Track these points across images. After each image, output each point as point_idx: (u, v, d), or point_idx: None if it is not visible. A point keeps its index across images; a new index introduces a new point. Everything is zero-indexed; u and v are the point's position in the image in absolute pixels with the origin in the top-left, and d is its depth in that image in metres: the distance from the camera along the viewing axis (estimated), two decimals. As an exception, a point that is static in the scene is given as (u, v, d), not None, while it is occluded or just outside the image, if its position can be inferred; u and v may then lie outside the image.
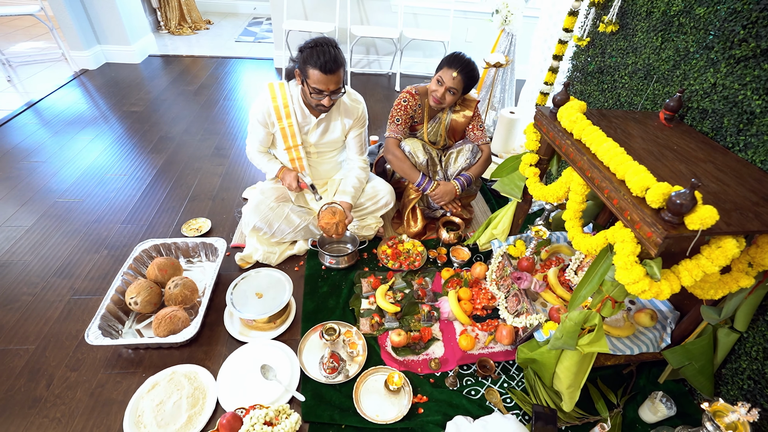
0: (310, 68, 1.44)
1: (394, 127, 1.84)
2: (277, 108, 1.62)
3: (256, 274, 1.56)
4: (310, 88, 1.48)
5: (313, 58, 1.42)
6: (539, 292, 1.48)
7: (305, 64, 1.45)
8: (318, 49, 1.42)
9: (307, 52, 1.44)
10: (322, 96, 1.51)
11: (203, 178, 2.29)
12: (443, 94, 1.72)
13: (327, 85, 1.47)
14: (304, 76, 1.49)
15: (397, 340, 1.45)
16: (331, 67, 1.43)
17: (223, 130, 2.80)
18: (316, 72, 1.43)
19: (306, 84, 1.50)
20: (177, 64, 3.82)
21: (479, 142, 1.90)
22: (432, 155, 1.88)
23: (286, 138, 1.68)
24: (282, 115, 1.63)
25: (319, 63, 1.42)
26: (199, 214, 2.02)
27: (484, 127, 1.93)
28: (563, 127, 1.24)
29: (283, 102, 1.61)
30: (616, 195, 1.00)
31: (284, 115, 1.64)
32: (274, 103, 1.61)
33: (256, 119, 1.64)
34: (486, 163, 1.90)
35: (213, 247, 1.72)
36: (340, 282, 1.72)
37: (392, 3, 3.62)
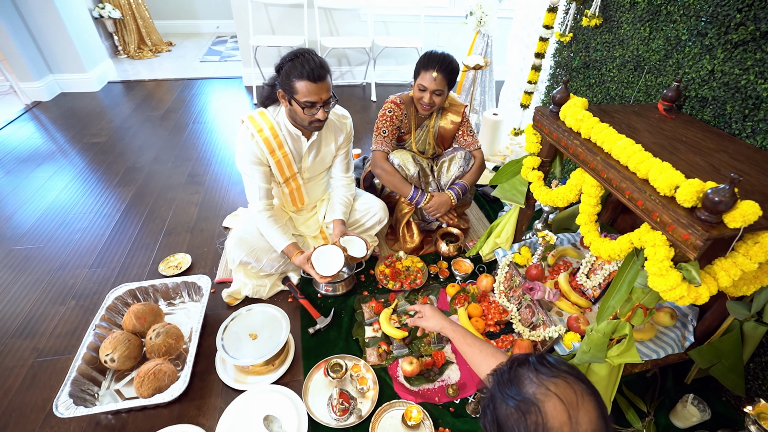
0: (296, 81, 1.31)
1: (380, 139, 1.74)
2: (267, 140, 1.45)
3: (248, 313, 1.41)
4: (301, 103, 1.34)
5: (297, 70, 1.29)
6: (554, 301, 1.40)
7: (289, 79, 1.32)
8: (300, 60, 1.30)
9: (288, 66, 1.31)
10: (316, 109, 1.36)
11: (178, 209, 2.13)
12: (430, 99, 1.64)
13: (319, 94, 1.33)
14: (290, 93, 1.35)
15: (409, 369, 1.34)
16: (319, 73, 1.30)
17: (196, 156, 2.63)
18: (304, 83, 1.30)
19: (294, 101, 1.35)
20: (140, 89, 3.62)
21: (471, 148, 1.82)
22: (423, 166, 1.79)
23: (282, 170, 1.54)
24: (274, 147, 1.47)
25: (305, 72, 1.29)
26: (177, 249, 1.86)
27: (474, 132, 1.86)
28: (568, 126, 1.17)
29: (272, 132, 1.45)
30: (641, 196, 0.93)
31: (276, 146, 1.47)
32: (262, 136, 1.44)
33: (249, 162, 1.44)
34: (480, 170, 1.83)
35: (196, 286, 1.56)
36: (339, 310, 1.60)
37: (361, 12, 3.55)
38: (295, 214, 1.76)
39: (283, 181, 1.57)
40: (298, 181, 1.61)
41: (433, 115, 1.81)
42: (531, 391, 0.59)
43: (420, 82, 1.63)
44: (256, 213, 1.51)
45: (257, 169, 1.47)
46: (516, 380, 0.62)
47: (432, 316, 1.19)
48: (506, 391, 0.61)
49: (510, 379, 0.62)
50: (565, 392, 0.58)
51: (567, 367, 0.63)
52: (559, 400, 0.57)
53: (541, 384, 0.59)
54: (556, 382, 0.59)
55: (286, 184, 1.60)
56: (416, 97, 1.68)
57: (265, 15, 3.42)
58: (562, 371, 0.61)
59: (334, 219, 1.65)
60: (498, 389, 0.62)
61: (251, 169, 1.46)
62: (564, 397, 0.58)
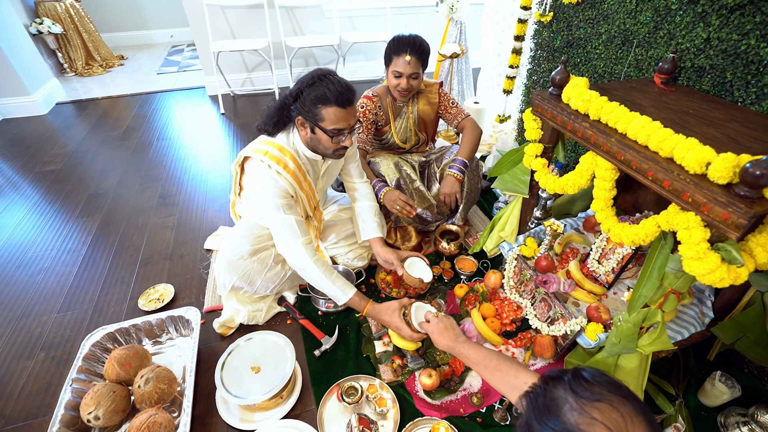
0: (322, 108, 1.18)
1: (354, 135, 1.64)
2: (294, 174, 1.30)
3: (247, 343, 1.28)
4: (329, 131, 1.21)
5: (322, 95, 1.16)
6: (569, 292, 1.34)
7: (313, 105, 1.18)
8: (324, 84, 1.17)
9: (309, 91, 1.18)
10: (343, 136, 1.24)
11: (153, 235, 1.95)
12: (407, 84, 1.58)
13: (348, 120, 1.22)
14: (313, 120, 1.21)
15: (429, 382, 1.25)
16: (348, 97, 1.19)
17: (165, 175, 2.44)
18: (333, 110, 1.18)
19: (319, 129, 1.22)
20: (93, 108, 3.35)
21: (459, 119, 1.76)
22: (407, 172, 1.71)
23: (309, 201, 1.42)
24: (301, 179, 1.33)
25: (332, 97, 1.16)
26: (157, 279, 1.69)
27: (457, 103, 1.79)
28: (574, 108, 1.10)
29: (295, 164, 1.30)
30: (667, 176, 0.87)
31: (302, 179, 1.34)
32: (289, 171, 1.28)
33: (280, 199, 1.27)
34: (474, 137, 1.70)
35: (184, 320, 1.41)
36: (344, 326, 1.49)
37: (325, 9, 3.42)
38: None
39: (311, 214, 1.46)
40: (320, 209, 1.52)
41: (410, 101, 1.75)
42: (572, 420, 0.52)
43: (393, 68, 1.57)
44: (296, 254, 1.30)
45: (289, 204, 1.30)
46: (553, 407, 0.54)
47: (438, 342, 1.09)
48: (545, 421, 0.54)
49: (546, 405, 0.55)
50: (612, 418, 0.51)
51: (608, 385, 0.56)
52: (606, 429, 0.50)
53: (582, 411, 0.52)
54: (600, 408, 0.52)
55: (313, 217, 1.49)
56: (392, 85, 1.62)
57: (224, 19, 3.23)
58: (604, 392, 0.54)
59: (373, 238, 1.53)
60: (534, 417, 0.55)
61: (282, 207, 1.27)
62: (611, 424, 0.51)
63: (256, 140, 1.34)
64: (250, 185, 1.35)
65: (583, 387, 0.54)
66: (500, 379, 0.91)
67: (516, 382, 0.87)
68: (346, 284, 1.34)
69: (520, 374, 0.88)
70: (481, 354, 0.99)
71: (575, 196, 1.69)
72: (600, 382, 0.55)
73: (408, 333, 1.24)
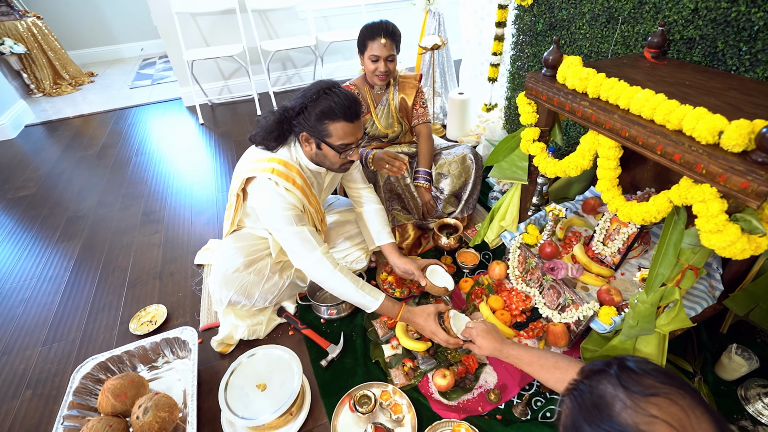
0: (329, 124, 1.13)
1: None
2: (303, 189, 1.25)
3: (250, 360, 1.21)
4: (336, 147, 1.16)
5: (328, 110, 1.11)
6: (578, 277, 1.31)
7: (319, 120, 1.13)
8: (330, 98, 1.11)
9: (315, 107, 1.12)
10: (351, 150, 1.19)
11: (139, 255, 1.86)
12: (385, 66, 1.61)
13: (356, 134, 1.17)
14: (319, 136, 1.16)
15: (444, 383, 1.20)
16: (356, 110, 1.14)
17: (147, 191, 2.34)
18: (341, 125, 1.13)
19: (326, 145, 1.17)
20: (65, 128, 3.21)
21: (420, 121, 1.81)
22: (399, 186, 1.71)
23: (317, 215, 1.36)
24: (308, 194, 1.28)
25: (340, 112, 1.11)
26: (148, 301, 1.61)
27: (426, 104, 1.83)
28: (571, 88, 1.07)
29: (302, 179, 1.25)
30: (677, 149, 0.84)
31: (309, 193, 1.28)
32: (297, 186, 1.23)
33: (291, 212, 1.20)
34: (431, 147, 1.80)
35: (180, 341, 1.33)
36: (349, 333, 1.43)
37: (299, 10, 3.34)
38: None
39: (318, 227, 1.40)
40: (326, 220, 1.46)
41: (390, 89, 1.75)
42: (629, 419, 0.47)
43: (370, 53, 1.60)
44: (317, 267, 1.23)
45: (299, 215, 1.24)
46: (603, 405, 0.49)
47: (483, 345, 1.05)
48: (596, 422, 0.48)
49: (595, 404, 0.50)
50: (673, 413, 0.46)
51: (659, 375, 0.50)
52: (669, 428, 0.45)
53: (638, 408, 0.47)
54: (658, 403, 0.47)
55: (321, 230, 1.43)
56: (370, 71, 1.64)
57: (195, 27, 3.13)
58: (657, 384, 0.49)
59: (387, 246, 1.47)
60: (583, 418, 0.49)
61: (294, 219, 1.21)
62: (674, 420, 0.46)
63: (254, 157, 1.25)
64: (257, 203, 1.26)
65: (633, 380, 0.49)
66: (560, 378, 0.86)
67: (557, 373, 0.83)
68: (374, 290, 1.27)
69: (560, 363, 0.84)
70: (534, 353, 0.95)
71: (572, 179, 1.67)
72: (649, 371, 0.50)
73: (444, 337, 1.19)
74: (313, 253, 1.22)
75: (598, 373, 0.52)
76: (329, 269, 1.23)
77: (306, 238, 1.22)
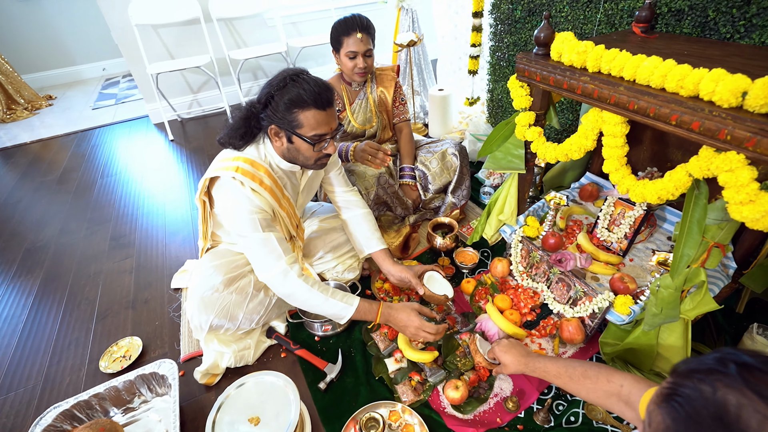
0: (299, 113, 1.02)
1: None
2: (272, 191, 1.13)
3: (239, 391, 1.08)
4: (309, 138, 1.05)
5: (297, 98, 1.00)
6: (587, 267, 1.24)
7: (287, 110, 1.02)
8: (297, 85, 1.01)
9: (282, 96, 1.01)
10: (326, 142, 1.09)
11: (109, 283, 1.69)
12: (364, 62, 1.55)
13: (329, 123, 1.06)
14: (290, 128, 1.04)
15: (457, 395, 1.09)
16: (327, 97, 1.03)
17: (115, 214, 2.17)
18: (312, 113, 1.02)
19: (297, 137, 1.05)
20: (21, 154, 2.99)
21: (401, 118, 1.77)
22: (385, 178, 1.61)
23: (291, 221, 1.24)
24: (279, 197, 1.16)
25: (310, 99, 1.00)
26: (120, 334, 1.45)
27: (406, 101, 1.78)
28: (568, 64, 1.00)
29: (271, 180, 1.13)
30: (696, 116, 0.77)
31: (280, 195, 1.16)
32: (266, 187, 1.11)
33: (256, 215, 1.08)
34: (413, 144, 1.77)
35: (157, 376, 1.18)
36: (347, 349, 1.31)
37: (267, 18, 3.24)
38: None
39: (294, 233, 1.29)
40: (303, 227, 1.34)
41: (368, 83, 1.69)
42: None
43: (346, 49, 1.53)
44: (282, 279, 1.12)
45: (266, 219, 1.12)
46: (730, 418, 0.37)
47: (508, 362, 0.98)
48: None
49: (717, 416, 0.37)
50: None
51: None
52: None
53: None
54: None
55: (297, 236, 1.31)
56: (348, 68, 1.57)
57: (158, 39, 2.98)
58: None
59: (376, 251, 1.35)
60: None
61: (259, 223, 1.10)
62: None
63: (220, 158, 1.15)
64: (220, 207, 1.15)
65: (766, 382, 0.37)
66: (591, 388, 0.77)
67: (610, 388, 0.74)
68: (347, 295, 1.17)
69: (613, 377, 0.75)
70: (561, 364, 0.86)
71: (566, 167, 1.61)
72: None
73: (433, 329, 1.13)
74: (278, 264, 1.11)
75: (708, 373, 0.40)
76: (295, 282, 1.12)
77: (272, 246, 1.11)
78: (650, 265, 1.26)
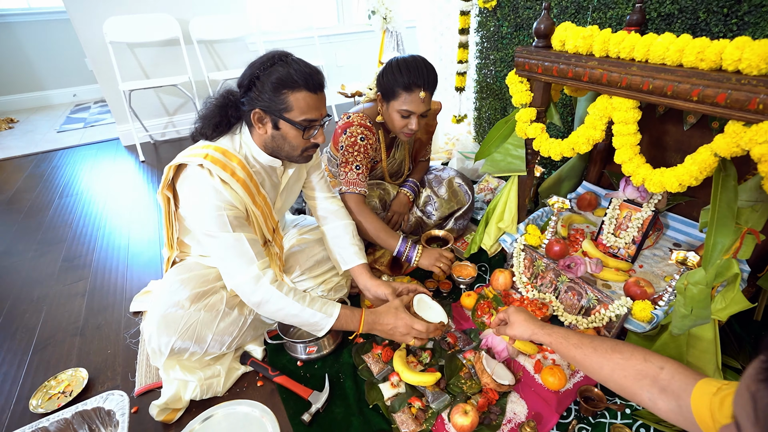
0: (289, 94, 0.92)
1: (353, 177, 1.32)
2: (245, 184, 1.00)
3: (205, 426, 0.88)
4: (298, 123, 0.95)
5: (288, 79, 0.91)
6: (597, 273, 1.15)
7: (277, 92, 0.91)
8: (285, 65, 0.92)
9: (267, 76, 0.91)
10: (315, 129, 0.99)
11: (54, 309, 1.46)
12: (417, 124, 1.27)
13: (320, 109, 0.97)
14: (276, 112, 0.94)
15: (467, 422, 0.93)
16: (318, 80, 0.95)
17: (70, 234, 1.95)
18: (303, 95, 0.93)
19: (285, 122, 0.95)
20: (-30, 176, 2.73)
21: (425, 158, 1.66)
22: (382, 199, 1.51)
23: (267, 222, 1.10)
24: (253, 192, 1.03)
25: (300, 80, 0.91)
26: (62, 366, 1.22)
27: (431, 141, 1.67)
28: (573, 51, 0.96)
29: (245, 172, 1.00)
30: (722, 87, 0.71)
31: (255, 191, 1.03)
32: (238, 179, 0.98)
33: (226, 211, 0.96)
34: (424, 170, 1.66)
35: (102, 412, 0.97)
36: (335, 375, 1.13)
37: (248, 42, 3.22)
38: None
39: (269, 238, 1.14)
40: (280, 233, 1.20)
41: None
42: None
43: (402, 106, 1.24)
44: (253, 286, 0.99)
45: (238, 217, 0.99)
46: None
47: (520, 321, 0.88)
48: None
49: None
50: None
51: None
52: None
53: None
54: None
55: (273, 242, 1.16)
56: (397, 126, 1.29)
57: (133, 59, 2.88)
58: None
59: (356, 266, 1.22)
60: None
61: (229, 221, 0.96)
62: None
63: (190, 147, 1.03)
64: (185, 201, 1.01)
65: None
66: (621, 364, 0.65)
67: (646, 367, 0.62)
68: (327, 303, 1.04)
69: (652, 357, 0.63)
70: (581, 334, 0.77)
71: (562, 176, 1.56)
72: None
73: (423, 327, 1.02)
74: (249, 268, 0.98)
75: None
76: (267, 288, 0.99)
77: (243, 248, 0.98)
78: (663, 269, 1.18)
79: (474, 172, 2.07)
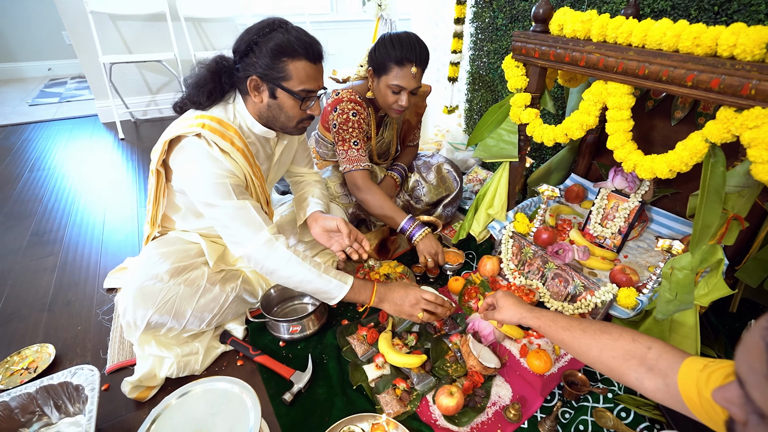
0: (288, 62, 0.89)
1: (354, 153, 1.31)
2: (244, 153, 0.97)
3: (182, 401, 0.84)
4: (296, 92, 0.92)
5: (288, 47, 0.88)
6: (584, 260, 1.16)
7: (276, 59, 0.88)
8: (285, 32, 0.89)
9: (267, 43, 0.88)
10: (312, 101, 0.97)
11: (20, 284, 1.38)
12: (408, 101, 1.26)
13: (318, 80, 0.96)
14: (274, 80, 0.91)
15: (452, 403, 0.93)
16: (318, 50, 0.93)
17: (40, 209, 1.85)
18: (302, 64, 0.90)
19: (283, 91, 0.92)
20: (-69, 146, 2.57)
21: (413, 143, 1.64)
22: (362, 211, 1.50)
23: (263, 194, 1.09)
24: (251, 162, 1.00)
25: (300, 49, 0.89)
26: (27, 342, 1.15)
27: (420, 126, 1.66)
28: (571, 36, 0.96)
29: (242, 142, 0.97)
30: (716, 72, 0.72)
31: (252, 162, 1.01)
32: (237, 148, 0.95)
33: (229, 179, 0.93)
34: (412, 156, 1.65)
35: (69, 387, 0.92)
36: (318, 355, 1.11)
37: (238, 23, 3.14)
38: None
39: (265, 210, 1.11)
40: (271, 207, 1.17)
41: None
42: None
43: (393, 81, 1.22)
44: (268, 250, 0.96)
45: (239, 185, 0.96)
46: None
47: (509, 306, 0.87)
48: None
49: None
50: None
51: None
52: None
53: None
54: None
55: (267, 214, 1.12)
56: (386, 101, 1.27)
57: (115, 31, 2.76)
58: None
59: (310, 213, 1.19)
60: None
61: (232, 189, 0.93)
62: None
63: (181, 118, 0.98)
64: (182, 173, 0.96)
65: None
66: (609, 345, 0.65)
67: (634, 347, 0.62)
68: (340, 273, 1.03)
69: (640, 338, 0.63)
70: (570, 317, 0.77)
71: (551, 168, 1.58)
72: None
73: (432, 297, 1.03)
74: (260, 233, 0.96)
75: None
76: (284, 252, 0.96)
77: (250, 215, 0.95)
78: (647, 260, 1.20)
79: (463, 163, 2.07)
